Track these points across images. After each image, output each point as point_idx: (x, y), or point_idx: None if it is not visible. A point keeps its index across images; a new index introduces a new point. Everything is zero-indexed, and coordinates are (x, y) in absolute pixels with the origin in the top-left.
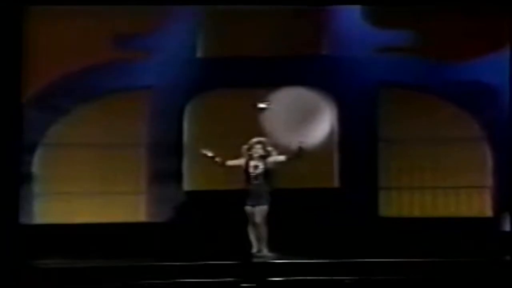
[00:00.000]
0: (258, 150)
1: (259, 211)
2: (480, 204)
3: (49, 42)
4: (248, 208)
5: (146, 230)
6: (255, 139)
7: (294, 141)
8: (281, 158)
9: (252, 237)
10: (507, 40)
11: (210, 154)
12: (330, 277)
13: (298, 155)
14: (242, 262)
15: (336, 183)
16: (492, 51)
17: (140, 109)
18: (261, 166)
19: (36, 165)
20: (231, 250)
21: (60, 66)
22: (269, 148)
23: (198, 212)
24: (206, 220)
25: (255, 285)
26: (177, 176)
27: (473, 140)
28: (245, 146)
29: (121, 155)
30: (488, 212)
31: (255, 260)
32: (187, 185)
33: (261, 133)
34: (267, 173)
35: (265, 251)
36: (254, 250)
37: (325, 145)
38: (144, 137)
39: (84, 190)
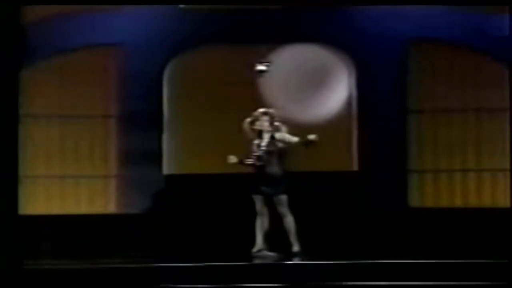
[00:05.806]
0: (263, 123)
1: (278, 201)
2: None
3: None
4: (257, 197)
5: (116, 223)
6: (261, 110)
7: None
8: (294, 139)
9: (259, 233)
10: None
11: (235, 160)
12: (349, 283)
13: (306, 145)
14: (239, 264)
15: (355, 165)
16: None
17: (109, 71)
18: (264, 143)
19: None
20: (224, 249)
21: None
22: (277, 123)
23: (181, 201)
24: (191, 211)
25: None
26: (155, 157)
27: None
28: (248, 119)
29: (85, 130)
30: None
31: (256, 261)
32: (167, 168)
33: (260, 102)
34: (278, 153)
35: (296, 247)
36: (255, 249)
37: (342, 118)
38: (114, 108)
39: (40, 173)
